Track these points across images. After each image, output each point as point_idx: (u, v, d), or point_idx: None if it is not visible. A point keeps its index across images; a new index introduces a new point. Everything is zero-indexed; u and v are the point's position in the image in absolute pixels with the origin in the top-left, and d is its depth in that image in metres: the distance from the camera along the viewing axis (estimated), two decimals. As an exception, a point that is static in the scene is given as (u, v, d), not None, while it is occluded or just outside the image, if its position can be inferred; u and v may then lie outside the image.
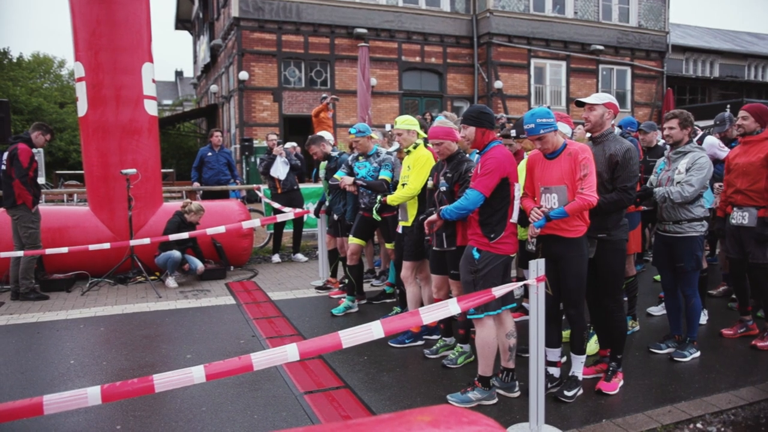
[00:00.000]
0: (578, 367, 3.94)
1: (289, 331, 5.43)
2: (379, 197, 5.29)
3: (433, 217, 3.98)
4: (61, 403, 2.19)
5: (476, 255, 3.70)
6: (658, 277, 6.77)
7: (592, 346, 4.61)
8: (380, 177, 5.68)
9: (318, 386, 4.08)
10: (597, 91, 22.98)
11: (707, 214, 4.53)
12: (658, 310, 5.81)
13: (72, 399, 2.21)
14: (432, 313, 2.99)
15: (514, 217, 3.75)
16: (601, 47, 22.62)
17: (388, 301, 6.40)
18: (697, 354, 4.59)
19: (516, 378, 3.94)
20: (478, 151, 3.91)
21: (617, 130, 5.47)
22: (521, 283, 3.68)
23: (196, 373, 2.35)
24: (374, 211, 5.43)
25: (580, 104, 3.97)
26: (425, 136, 5.06)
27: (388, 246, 5.93)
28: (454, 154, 4.22)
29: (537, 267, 3.23)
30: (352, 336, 2.60)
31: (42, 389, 4.05)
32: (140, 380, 2.34)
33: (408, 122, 5.05)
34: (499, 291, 3.21)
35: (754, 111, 4.71)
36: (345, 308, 6.03)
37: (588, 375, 4.12)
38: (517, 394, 3.89)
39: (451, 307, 3.05)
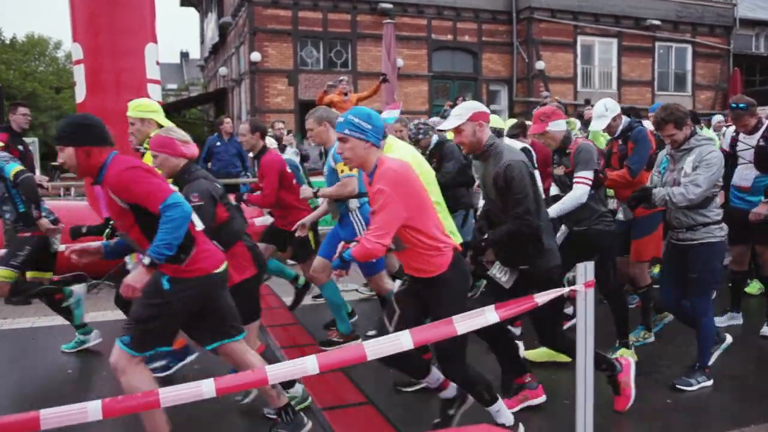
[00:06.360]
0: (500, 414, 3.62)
1: (306, 341, 5.45)
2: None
3: None
4: (59, 417, 2.23)
5: (166, 285, 3.20)
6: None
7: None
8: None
9: (338, 402, 4.09)
10: (652, 72, 22.64)
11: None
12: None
13: (71, 413, 2.25)
14: (466, 322, 2.98)
15: (199, 224, 3.35)
16: (657, 22, 22.23)
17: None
18: (708, 383, 4.34)
19: (297, 412, 3.63)
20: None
21: (625, 119, 5.16)
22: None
23: (206, 387, 2.38)
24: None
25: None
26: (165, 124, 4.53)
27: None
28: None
29: (585, 271, 3.19)
30: (379, 347, 2.60)
31: (38, 402, 4.09)
32: (145, 394, 2.37)
33: (143, 108, 4.54)
34: (541, 298, 3.18)
35: None
36: None
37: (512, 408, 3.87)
38: (308, 427, 3.62)
39: (488, 315, 3.04)
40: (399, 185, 3.14)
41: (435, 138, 6.15)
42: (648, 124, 5.91)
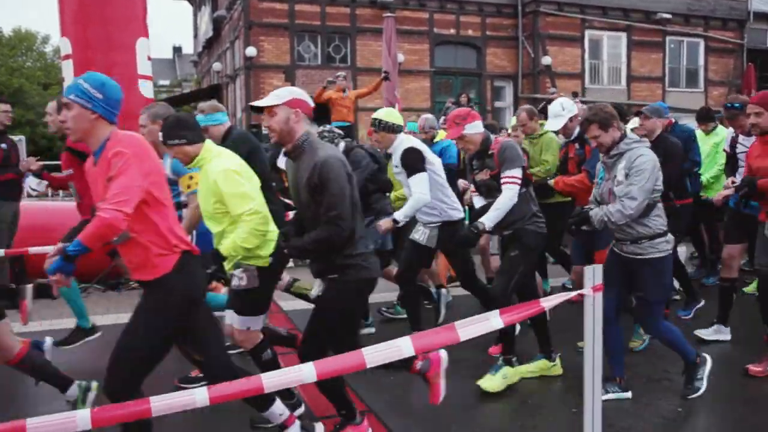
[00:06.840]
0: None
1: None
2: None
3: None
4: (46, 426, 2.22)
5: None
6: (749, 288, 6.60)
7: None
8: None
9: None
10: (663, 68, 22.65)
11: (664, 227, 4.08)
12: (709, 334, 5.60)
13: (59, 423, 2.25)
14: (470, 328, 2.98)
15: None
16: (668, 16, 22.25)
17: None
18: (707, 367, 4.22)
19: None
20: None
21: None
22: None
23: (199, 396, 2.37)
24: None
25: (257, 110, 3.40)
26: None
27: None
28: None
29: (594, 274, 3.18)
30: (378, 354, 2.60)
31: (24, 410, 4.12)
32: (135, 402, 2.37)
33: None
34: (548, 302, 3.17)
35: (766, 102, 4.34)
36: None
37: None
38: None
39: (493, 321, 3.03)
40: (140, 153, 2.95)
41: (342, 145, 5.85)
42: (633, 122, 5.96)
